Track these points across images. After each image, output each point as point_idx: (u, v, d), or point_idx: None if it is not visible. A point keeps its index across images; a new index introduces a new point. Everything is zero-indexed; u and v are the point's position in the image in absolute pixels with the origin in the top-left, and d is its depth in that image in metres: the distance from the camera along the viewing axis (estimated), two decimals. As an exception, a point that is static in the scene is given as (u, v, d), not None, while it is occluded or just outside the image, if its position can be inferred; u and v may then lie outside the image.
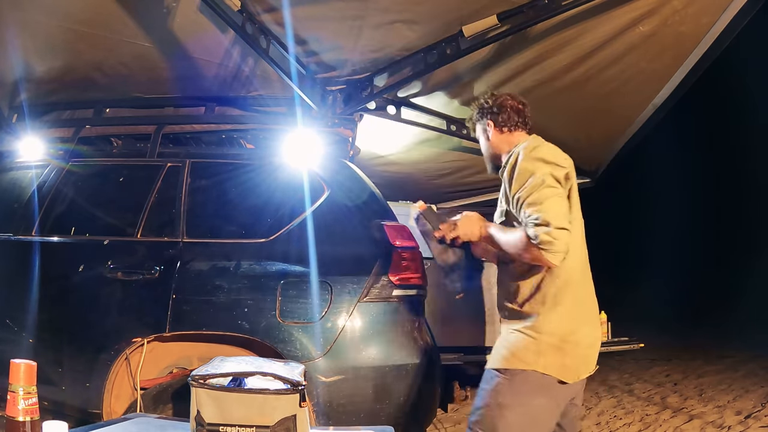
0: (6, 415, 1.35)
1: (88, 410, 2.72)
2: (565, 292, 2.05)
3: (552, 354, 2.01)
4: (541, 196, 1.93)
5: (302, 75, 3.21)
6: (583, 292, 2.14)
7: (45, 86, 3.46)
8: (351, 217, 2.81)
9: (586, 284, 2.16)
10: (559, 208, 1.94)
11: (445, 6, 2.81)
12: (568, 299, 2.05)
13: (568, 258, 1.96)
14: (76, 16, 2.82)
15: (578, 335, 2.06)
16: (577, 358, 2.05)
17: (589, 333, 2.11)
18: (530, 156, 2.04)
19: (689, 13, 2.92)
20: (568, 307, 2.05)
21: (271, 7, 2.75)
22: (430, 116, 4.06)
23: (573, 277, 2.08)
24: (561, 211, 1.93)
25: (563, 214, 1.93)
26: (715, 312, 12.63)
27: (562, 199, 1.97)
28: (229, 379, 1.64)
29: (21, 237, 3.09)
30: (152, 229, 2.91)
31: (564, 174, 2.01)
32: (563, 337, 2.03)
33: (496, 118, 2.29)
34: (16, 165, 3.45)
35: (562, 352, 2.02)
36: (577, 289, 2.10)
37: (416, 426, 2.71)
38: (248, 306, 2.62)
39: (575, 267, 2.08)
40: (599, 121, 4.25)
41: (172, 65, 3.23)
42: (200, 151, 3.32)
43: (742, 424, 4.59)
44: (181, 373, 2.77)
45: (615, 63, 3.34)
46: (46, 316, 2.84)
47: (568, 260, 1.99)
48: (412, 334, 2.68)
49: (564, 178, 2.00)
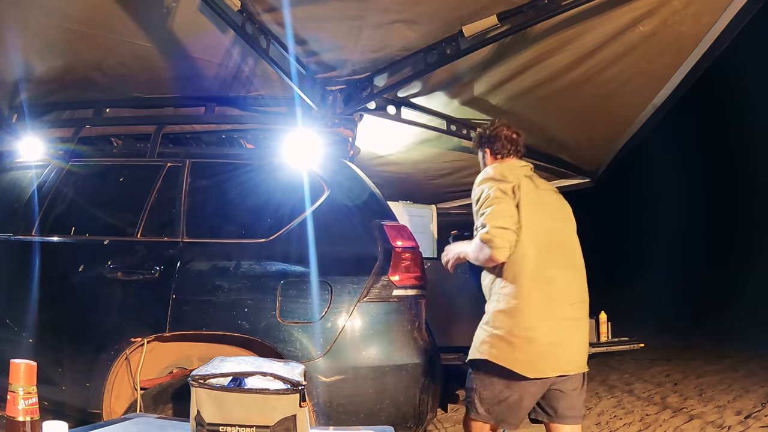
0: (6, 415, 1.36)
1: (88, 410, 2.72)
2: (519, 291, 2.29)
3: (501, 346, 2.30)
4: (487, 205, 2.33)
5: (302, 75, 3.21)
6: (548, 292, 2.31)
7: (45, 86, 3.46)
8: (351, 217, 2.81)
9: (556, 285, 2.34)
10: (499, 211, 2.28)
11: (445, 6, 2.81)
12: (524, 298, 2.28)
13: (522, 260, 2.28)
14: (76, 16, 2.82)
15: (534, 332, 2.27)
16: (532, 353, 2.27)
17: (549, 331, 2.29)
18: (482, 178, 2.45)
19: (689, 13, 2.92)
20: (524, 304, 2.28)
21: (271, 7, 2.75)
22: (430, 116, 4.06)
23: (527, 278, 2.30)
24: (501, 215, 2.28)
25: (503, 216, 2.27)
26: (715, 312, 12.63)
27: (505, 205, 2.31)
28: (229, 379, 1.64)
29: (21, 237, 3.09)
30: (152, 229, 2.91)
31: (510, 187, 2.36)
32: (512, 331, 2.29)
33: (492, 146, 2.66)
34: (16, 165, 3.45)
35: (511, 345, 2.28)
36: (540, 289, 2.30)
37: (416, 426, 2.70)
38: (248, 306, 2.62)
39: (531, 268, 2.30)
40: (599, 121, 4.25)
41: (172, 65, 3.23)
42: (200, 151, 3.32)
43: (742, 424, 4.59)
44: (181, 373, 2.77)
45: (615, 63, 3.34)
46: (46, 316, 2.84)
47: (523, 263, 2.28)
48: (412, 334, 2.68)
49: (511, 190, 2.35)
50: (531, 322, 2.28)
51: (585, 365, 2.45)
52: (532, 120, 4.21)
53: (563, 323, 2.34)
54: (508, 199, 2.32)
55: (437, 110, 4.03)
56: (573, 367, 2.37)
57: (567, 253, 2.44)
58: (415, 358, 2.65)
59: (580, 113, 4.09)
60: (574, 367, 2.38)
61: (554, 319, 2.31)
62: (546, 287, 2.32)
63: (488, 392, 2.36)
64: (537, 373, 2.29)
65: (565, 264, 2.41)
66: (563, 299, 2.36)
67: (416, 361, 2.65)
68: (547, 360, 2.29)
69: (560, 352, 2.32)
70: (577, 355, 2.39)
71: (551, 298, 2.33)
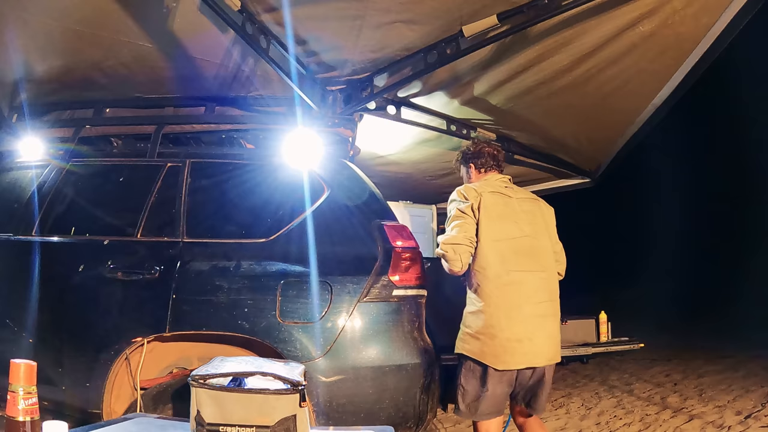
0: (6, 415, 1.36)
1: (88, 410, 2.72)
2: (483, 294, 2.63)
3: (472, 342, 2.65)
4: (447, 224, 2.72)
5: (302, 75, 3.21)
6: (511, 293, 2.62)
7: (45, 86, 3.46)
8: (351, 217, 2.81)
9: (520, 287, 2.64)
10: (455, 230, 2.64)
11: (445, 6, 2.81)
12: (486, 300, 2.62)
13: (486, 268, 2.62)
14: (76, 16, 2.82)
15: (495, 329, 2.59)
16: (496, 347, 2.58)
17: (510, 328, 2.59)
18: (450, 199, 2.79)
19: (689, 13, 2.92)
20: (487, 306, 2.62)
21: (271, 7, 2.75)
22: (430, 116, 4.06)
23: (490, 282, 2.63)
24: (454, 233, 2.63)
25: (456, 233, 2.62)
26: (716, 312, 12.63)
27: (461, 223, 2.65)
28: (229, 379, 1.64)
29: (21, 237, 3.09)
30: (152, 229, 2.91)
31: (467, 206, 2.68)
32: (477, 329, 2.64)
33: (476, 161, 2.96)
34: (16, 165, 3.45)
35: (479, 341, 2.63)
36: (502, 291, 2.62)
37: (416, 426, 2.71)
38: (248, 306, 2.62)
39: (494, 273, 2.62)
40: (599, 121, 4.25)
41: (172, 65, 3.23)
42: (200, 151, 3.32)
43: (742, 424, 4.59)
44: (181, 373, 2.77)
45: (615, 63, 3.34)
46: (46, 316, 2.84)
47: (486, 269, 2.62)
48: (412, 334, 2.68)
49: (470, 209, 2.67)
50: (492, 321, 2.60)
51: (556, 357, 2.71)
52: (532, 120, 4.21)
53: (528, 320, 2.62)
54: (467, 217, 2.66)
55: (437, 110, 4.03)
56: (540, 360, 2.65)
57: (534, 257, 2.72)
58: (415, 358, 2.66)
59: (580, 113, 4.09)
60: (542, 360, 2.65)
61: (516, 318, 2.61)
62: (509, 289, 2.63)
63: (470, 386, 2.66)
64: (503, 365, 2.59)
65: (531, 267, 2.70)
66: (529, 299, 2.65)
67: (416, 361, 2.66)
68: (513, 354, 2.59)
69: (524, 347, 2.59)
70: (544, 348, 2.65)
71: (514, 299, 2.62)
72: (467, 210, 2.67)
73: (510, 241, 2.67)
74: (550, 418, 4.89)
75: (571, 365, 7.33)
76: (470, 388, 2.67)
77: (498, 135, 4.52)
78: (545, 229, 2.83)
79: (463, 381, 2.69)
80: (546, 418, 4.91)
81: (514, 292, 2.62)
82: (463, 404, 2.69)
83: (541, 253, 2.75)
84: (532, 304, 2.64)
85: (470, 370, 2.67)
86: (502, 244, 2.65)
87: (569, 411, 5.24)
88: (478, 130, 4.38)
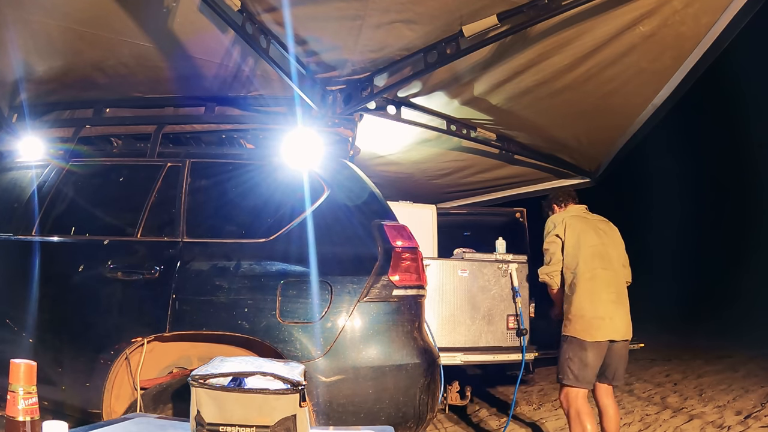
0: (6, 415, 1.36)
1: (88, 410, 2.72)
2: (574, 287, 3.49)
3: (568, 324, 3.45)
4: (544, 250, 3.70)
5: (302, 75, 3.21)
6: (592, 285, 3.43)
7: (45, 86, 3.46)
8: (351, 217, 2.80)
9: (598, 280, 3.44)
10: (549, 258, 3.63)
11: (445, 6, 2.81)
12: (576, 291, 3.46)
13: (575, 268, 3.50)
14: (76, 16, 2.82)
15: (582, 311, 3.40)
16: (585, 324, 3.37)
17: (593, 310, 3.38)
18: (545, 230, 3.72)
19: (689, 13, 2.92)
20: (576, 295, 3.45)
21: (271, 7, 2.75)
22: (430, 116, 4.06)
23: (578, 278, 3.48)
24: (549, 262, 3.63)
25: (550, 263, 3.62)
26: (716, 312, 12.64)
27: (553, 251, 3.61)
28: (229, 379, 1.64)
29: (21, 237, 3.09)
30: (152, 229, 2.91)
31: (555, 233, 3.59)
32: (571, 313, 3.45)
33: (557, 201, 3.87)
34: (16, 165, 3.45)
35: (572, 322, 3.43)
36: (585, 283, 3.44)
37: (416, 426, 2.71)
38: (248, 306, 2.62)
39: (580, 271, 3.47)
40: (599, 121, 4.25)
41: (172, 65, 3.23)
42: (200, 151, 3.32)
43: (742, 424, 4.59)
44: (181, 373, 2.77)
45: (615, 63, 3.34)
46: (46, 316, 2.84)
47: (576, 269, 3.49)
48: (412, 334, 2.68)
49: (556, 236, 3.59)
50: (580, 305, 3.41)
51: (629, 334, 3.48)
52: (532, 120, 4.21)
53: (605, 305, 3.40)
54: (558, 240, 3.55)
55: (437, 110, 4.03)
56: (618, 335, 3.41)
57: (606, 259, 3.51)
58: (415, 358, 2.65)
59: (580, 113, 4.09)
60: (619, 335, 3.41)
61: (597, 302, 3.39)
62: (590, 282, 3.43)
63: (576, 358, 3.38)
64: (591, 337, 3.36)
65: (605, 266, 3.48)
66: (604, 289, 3.43)
67: (416, 361, 2.65)
68: (598, 329, 3.36)
69: (605, 324, 3.37)
70: (619, 325, 3.42)
71: (594, 288, 3.42)
72: (557, 235, 3.55)
73: (590, 248, 3.48)
74: (549, 418, 4.89)
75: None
76: (576, 359, 3.38)
77: (498, 135, 4.53)
78: (613, 242, 3.63)
79: (570, 354, 3.40)
80: (546, 418, 4.91)
81: (595, 283, 3.43)
82: (571, 375, 3.39)
83: (612, 256, 3.55)
84: (606, 292, 3.43)
85: (570, 345, 3.40)
86: (585, 250, 3.47)
87: (569, 411, 5.23)
88: (478, 130, 4.38)
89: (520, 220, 5.13)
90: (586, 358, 3.38)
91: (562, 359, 3.46)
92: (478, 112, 4.08)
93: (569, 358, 3.42)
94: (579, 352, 3.40)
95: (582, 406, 3.42)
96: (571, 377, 3.42)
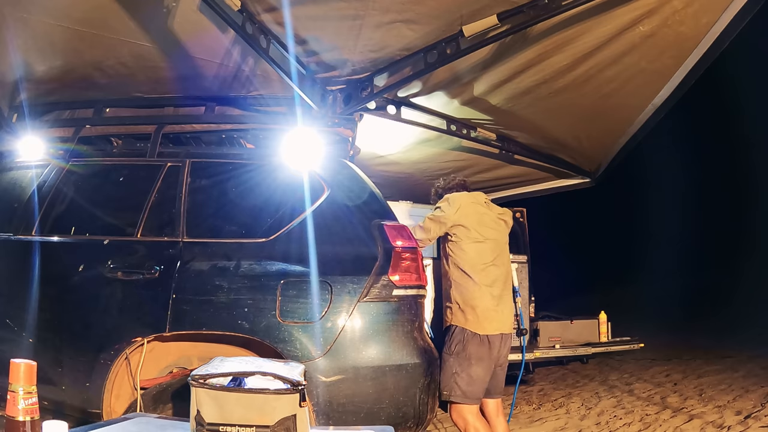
0: (6, 415, 1.36)
1: (88, 410, 2.72)
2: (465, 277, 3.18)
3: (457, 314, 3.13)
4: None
5: (302, 75, 3.21)
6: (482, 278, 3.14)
7: (45, 86, 3.46)
8: (351, 217, 2.81)
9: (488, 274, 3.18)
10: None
11: (445, 6, 2.81)
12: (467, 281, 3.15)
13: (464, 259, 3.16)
14: (76, 16, 2.82)
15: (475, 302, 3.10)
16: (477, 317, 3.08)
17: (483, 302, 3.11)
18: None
19: (689, 13, 2.92)
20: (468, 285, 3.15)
21: (271, 6, 2.75)
22: (430, 116, 4.06)
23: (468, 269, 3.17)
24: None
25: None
26: (715, 312, 12.63)
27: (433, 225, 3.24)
28: (229, 379, 1.64)
29: (21, 237, 3.09)
30: (152, 229, 2.91)
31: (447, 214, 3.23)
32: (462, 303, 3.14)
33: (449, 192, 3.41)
34: (16, 165, 3.45)
35: (463, 312, 3.11)
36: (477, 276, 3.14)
37: (416, 426, 2.71)
38: (248, 306, 2.62)
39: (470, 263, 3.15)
40: (599, 121, 4.25)
41: (172, 65, 3.23)
42: (200, 151, 3.32)
43: (742, 424, 4.58)
44: (181, 373, 2.77)
45: (615, 63, 3.34)
46: (46, 315, 2.84)
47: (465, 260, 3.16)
48: (412, 334, 2.68)
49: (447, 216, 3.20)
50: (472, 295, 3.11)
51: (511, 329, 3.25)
52: (532, 120, 4.21)
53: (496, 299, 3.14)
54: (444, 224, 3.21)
55: (437, 110, 4.03)
56: (503, 328, 3.15)
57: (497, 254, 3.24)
58: (415, 358, 2.66)
59: (580, 113, 4.10)
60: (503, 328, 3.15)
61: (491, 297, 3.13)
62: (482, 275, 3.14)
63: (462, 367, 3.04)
64: (482, 330, 3.06)
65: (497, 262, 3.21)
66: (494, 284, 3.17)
67: (416, 361, 2.66)
68: (491, 321, 3.08)
69: (495, 317, 3.10)
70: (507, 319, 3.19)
71: (485, 282, 3.13)
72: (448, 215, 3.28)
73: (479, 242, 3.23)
74: (549, 418, 4.89)
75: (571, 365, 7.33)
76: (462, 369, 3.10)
77: (498, 135, 4.53)
78: (504, 235, 3.36)
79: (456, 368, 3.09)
80: (546, 418, 4.91)
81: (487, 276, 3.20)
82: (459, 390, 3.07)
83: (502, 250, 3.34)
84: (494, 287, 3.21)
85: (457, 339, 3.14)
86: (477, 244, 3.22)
87: (569, 411, 5.24)
88: (478, 130, 4.38)
89: (520, 220, 5.13)
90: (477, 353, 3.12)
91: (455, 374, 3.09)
92: (478, 112, 4.08)
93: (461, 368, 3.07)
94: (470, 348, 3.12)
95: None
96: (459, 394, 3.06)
